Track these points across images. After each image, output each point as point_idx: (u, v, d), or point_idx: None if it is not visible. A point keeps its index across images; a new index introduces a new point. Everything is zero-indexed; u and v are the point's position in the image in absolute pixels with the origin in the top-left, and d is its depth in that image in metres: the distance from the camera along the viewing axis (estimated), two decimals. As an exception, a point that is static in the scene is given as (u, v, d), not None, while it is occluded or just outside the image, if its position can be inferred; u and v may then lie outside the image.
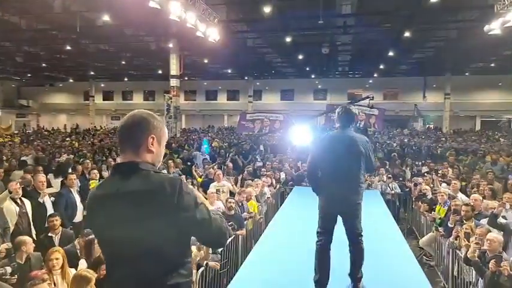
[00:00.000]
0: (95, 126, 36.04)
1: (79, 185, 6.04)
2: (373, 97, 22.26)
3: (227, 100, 39.51)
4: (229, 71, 31.48)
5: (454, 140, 19.80)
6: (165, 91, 32.59)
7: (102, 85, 40.11)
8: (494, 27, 10.52)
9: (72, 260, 4.11)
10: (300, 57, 23.65)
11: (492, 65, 27.51)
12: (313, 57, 25.22)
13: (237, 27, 18.82)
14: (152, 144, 1.65)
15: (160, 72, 30.10)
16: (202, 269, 4.28)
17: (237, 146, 16.07)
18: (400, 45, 21.38)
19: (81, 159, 9.96)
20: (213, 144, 18.15)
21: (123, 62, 26.69)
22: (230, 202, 5.85)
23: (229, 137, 21.93)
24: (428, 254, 6.54)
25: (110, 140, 19.25)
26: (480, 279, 3.97)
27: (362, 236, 3.40)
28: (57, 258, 3.58)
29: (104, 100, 41.32)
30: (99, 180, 6.61)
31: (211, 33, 12.10)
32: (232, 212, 5.83)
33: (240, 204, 6.49)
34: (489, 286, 3.76)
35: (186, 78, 30.90)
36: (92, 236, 4.01)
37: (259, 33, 20.35)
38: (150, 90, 40.48)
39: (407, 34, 18.01)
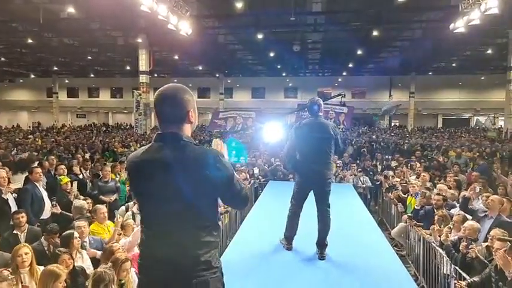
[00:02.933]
0: (62, 124, 34.63)
1: (45, 180, 5.75)
2: (344, 94, 22.74)
3: (198, 98, 38.94)
4: (200, 68, 31.16)
5: (419, 137, 20.57)
6: (134, 88, 31.79)
7: (67, 81, 38.55)
8: (459, 26, 10.96)
9: (39, 258, 3.90)
10: (271, 54, 23.75)
11: (453, 65, 28.82)
12: (284, 55, 25.38)
13: (208, 23, 18.62)
14: (192, 116, 1.83)
15: (128, 68, 29.34)
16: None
17: (209, 142, 15.90)
18: (368, 44, 21.95)
19: (45, 156, 9.53)
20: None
21: (89, 58, 25.75)
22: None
23: (201, 134, 21.66)
24: (399, 244, 6.73)
25: (76, 137, 18.54)
26: (451, 265, 4.12)
27: (330, 208, 3.99)
28: (26, 253, 3.37)
29: (68, 97, 39.77)
30: (68, 176, 6.33)
31: (183, 26, 11.89)
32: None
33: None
34: (461, 269, 3.91)
35: (155, 75, 30.27)
36: (71, 231, 3.83)
37: (231, 29, 20.25)
38: (118, 87, 39.36)
39: (375, 33, 18.49)
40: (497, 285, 3.42)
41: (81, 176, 7.16)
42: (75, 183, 6.26)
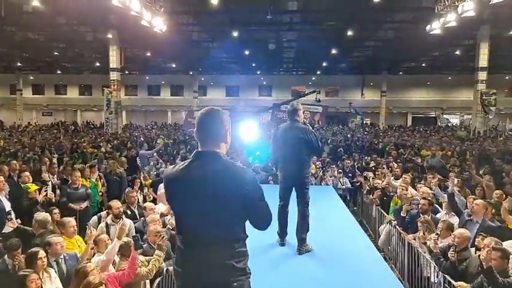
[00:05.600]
0: (28, 122, 32.96)
1: (8, 189, 5.24)
2: (319, 91, 22.91)
3: (171, 95, 38.28)
4: (174, 65, 30.42)
5: (392, 135, 20.94)
6: (104, 85, 30.70)
7: (31, 78, 36.73)
8: (435, 27, 11.12)
9: (2, 279, 3.52)
10: (246, 53, 23.51)
11: (423, 65, 29.63)
12: (259, 54, 25.22)
13: (182, 20, 18.13)
14: (227, 137, 2.04)
15: (98, 65, 28.26)
16: (159, 279, 3.90)
17: (184, 142, 15.51)
18: (342, 43, 22.16)
19: (8, 159, 8.87)
20: (158, 142, 17.37)
21: (56, 53, 24.55)
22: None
23: (175, 133, 21.13)
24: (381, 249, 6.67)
25: (42, 138, 17.59)
26: (440, 273, 4.06)
27: (308, 204, 4.28)
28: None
29: (33, 94, 37.95)
30: (34, 183, 5.80)
31: (157, 22, 11.43)
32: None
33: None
34: (450, 277, 3.86)
35: (126, 72, 29.32)
36: (36, 249, 3.44)
37: (205, 26, 19.85)
38: (87, 84, 37.90)
39: (349, 33, 18.67)
40: (489, 293, 3.38)
41: (50, 183, 6.61)
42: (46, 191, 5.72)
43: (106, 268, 3.67)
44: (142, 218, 5.14)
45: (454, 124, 34.85)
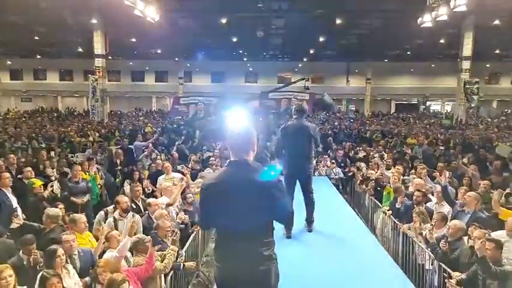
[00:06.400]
0: (8, 109, 32.03)
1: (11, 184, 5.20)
2: (308, 79, 22.97)
3: (155, 81, 37.68)
4: (159, 51, 29.89)
5: (378, 123, 21.36)
6: (86, 70, 29.89)
7: (9, 62, 35.44)
8: (427, 20, 11.32)
9: (19, 275, 3.57)
10: (234, 39, 23.31)
11: (408, 53, 30.06)
12: (246, 40, 25.04)
13: (168, 6, 17.77)
14: (255, 146, 2.43)
15: (80, 50, 27.54)
16: (171, 273, 4.04)
17: (174, 131, 15.45)
18: (329, 31, 22.23)
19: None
20: (146, 130, 17.23)
21: (36, 38, 23.75)
22: (190, 197, 5.57)
23: (163, 121, 20.97)
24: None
25: (27, 126, 17.18)
26: (435, 261, 4.34)
27: (313, 193, 4.90)
28: (10, 275, 3.06)
29: (11, 80, 36.68)
30: (37, 177, 5.77)
31: (142, 7, 11.16)
32: (191, 208, 5.56)
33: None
34: (443, 263, 4.15)
35: (109, 58, 28.65)
36: (55, 246, 3.50)
37: (192, 12, 19.53)
38: (68, 69, 36.85)
39: (337, 21, 18.75)
40: (483, 280, 3.66)
41: (53, 178, 6.56)
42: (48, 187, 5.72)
43: (119, 264, 3.76)
44: (146, 212, 5.20)
45: (434, 110, 35.82)
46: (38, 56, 33.23)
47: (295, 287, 3.51)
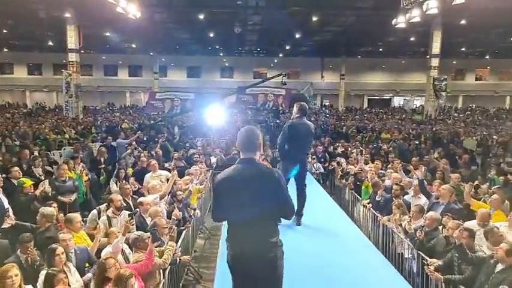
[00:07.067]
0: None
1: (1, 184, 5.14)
2: (285, 74, 23.23)
3: (129, 76, 36.95)
4: (133, 45, 29.32)
5: (353, 119, 21.98)
6: (55, 64, 28.86)
7: (-27, 56, 33.78)
8: (400, 21, 11.79)
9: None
10: (211, 35, 23.23)
11: (380, 49, 30.93)
12: (222, 36, 25.01)
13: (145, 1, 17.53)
14: (261, 147, 2.73)
15: (50, 43, 26.63)
16: (169, 267, 4.18)
17: (152, 128, 15.34)
18: (304, 27, 22.57)
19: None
20: (123, 126, 17.00)
21: (4, 31, 22.78)
22: (180, 195, 5.68)
23: (139, 117, 20.71)
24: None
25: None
26: (413, 250, 4.71)
27: (305, 187, 5.32)
28: (16, 275, 3.11)
29: (-25, 73, 34.97)
30: (25, 176, 5.71)
31: (125, 5, 11.06)
32: (181, 205, 5.68)
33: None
34: (420, 251, 4.52)
35: (82, 51, 27.84)
36: (55, 245, 3.57)
37: (168, 7, 19.32)
38: (36, 63, 35.50)
39: (313, 18, 19.10)
40: (459, 266, 4.03)
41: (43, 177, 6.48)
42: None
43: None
44: (137, 210, 5.26)
45: (401, 105, 37.21)
46: (5, 50, 31.80)
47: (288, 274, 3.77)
